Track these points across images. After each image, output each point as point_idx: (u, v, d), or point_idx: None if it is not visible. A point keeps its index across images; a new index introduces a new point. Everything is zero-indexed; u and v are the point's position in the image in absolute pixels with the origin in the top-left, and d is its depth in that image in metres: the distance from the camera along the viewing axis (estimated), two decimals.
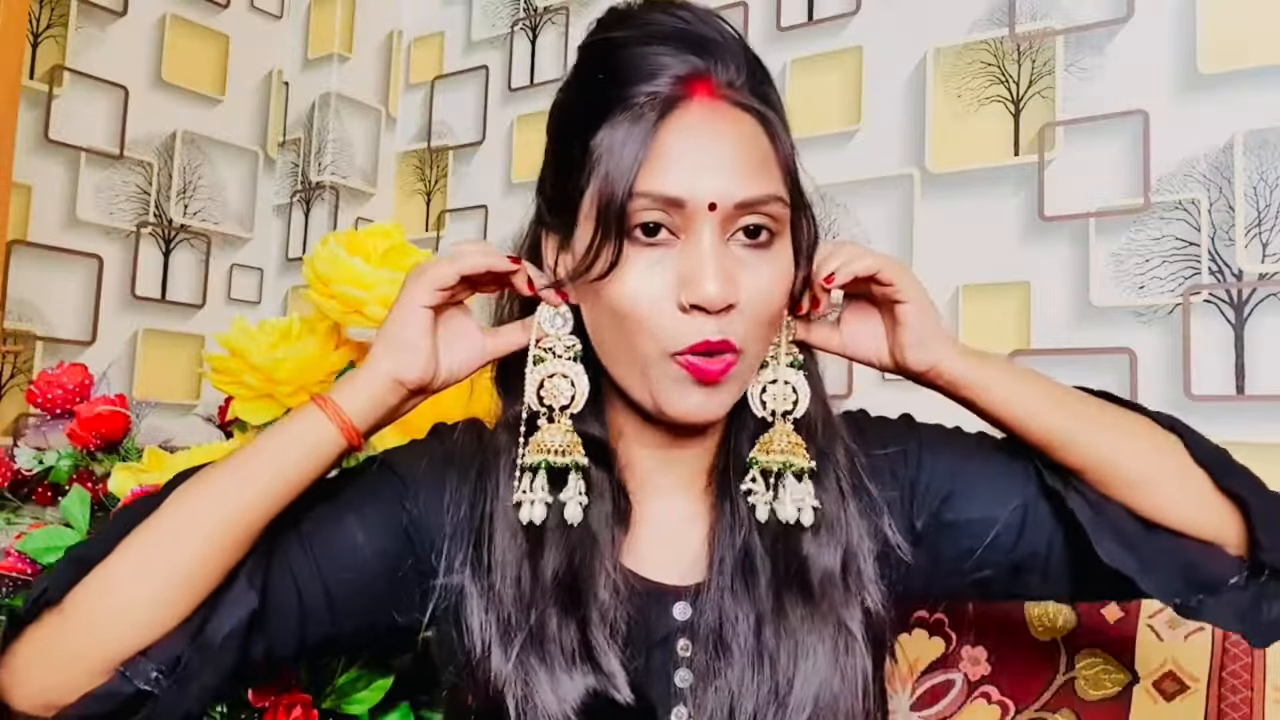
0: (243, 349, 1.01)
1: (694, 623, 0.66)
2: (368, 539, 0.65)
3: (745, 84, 0.63)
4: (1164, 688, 0.95)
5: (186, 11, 1.81)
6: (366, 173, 1.96)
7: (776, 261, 0.63)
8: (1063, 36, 1.31)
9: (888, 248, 1.41)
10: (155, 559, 0.58)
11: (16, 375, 1.55)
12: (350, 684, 0.99)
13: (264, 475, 0.61)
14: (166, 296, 1.78)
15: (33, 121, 1.58)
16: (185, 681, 0.58)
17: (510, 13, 1.89)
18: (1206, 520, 0.68)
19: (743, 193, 0.60)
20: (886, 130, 1.44)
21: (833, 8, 1.51)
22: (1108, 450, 0.68)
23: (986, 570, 0.71)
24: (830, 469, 0.69)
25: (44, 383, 1.08)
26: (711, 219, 0.60)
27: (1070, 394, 0.71)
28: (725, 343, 0.61)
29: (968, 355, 0.69)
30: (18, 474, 1.09)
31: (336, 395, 0.63)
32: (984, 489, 0.71)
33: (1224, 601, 0.67)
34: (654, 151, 0.60)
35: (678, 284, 0.60)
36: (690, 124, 0.60)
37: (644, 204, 0.60)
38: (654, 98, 0.60)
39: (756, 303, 0.62)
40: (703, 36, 0.62)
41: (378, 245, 1.06)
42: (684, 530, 0.70)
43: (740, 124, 0.62)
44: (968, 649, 1.06)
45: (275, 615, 0.62)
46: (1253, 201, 1.17)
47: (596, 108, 0.62)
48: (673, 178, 0.59)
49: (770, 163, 0.63)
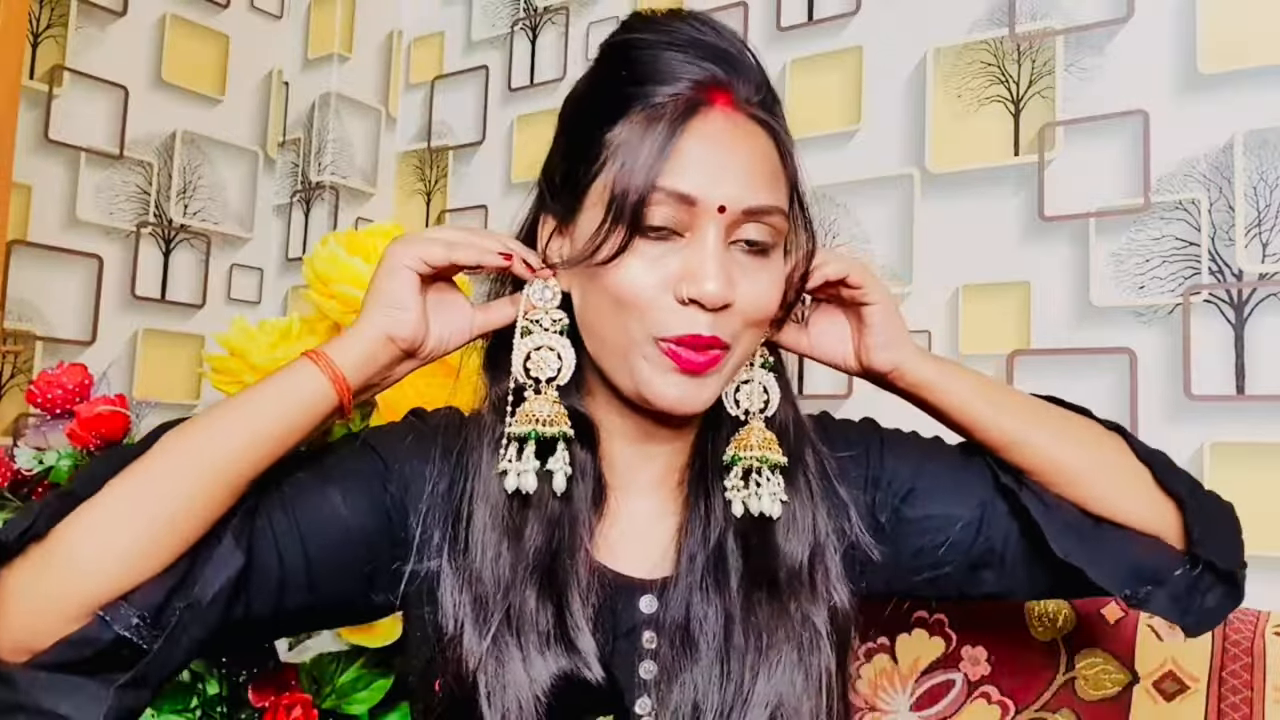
0: (243, 349, 1.01)
1: (659, 616, 0.68)
2: (350, 513, 0.65)
3: (761, 100, 0.66)
4: (1164, 688, 0.96)
5: (186, 11, 1.81)
6: (366, 173, 1.96)
7: (772, 270, 0.66)
8: (1063, 36, 1.31)
9: (888, 248, 1.41)
10: (143, 498, 0.57)
11: (16, 375, 1.55)
12: (350, 684, 0.99)
13: (254, 424, 0.60)
14: (166, 296, 1.78)
15: (33, 121, 1.58)
16: (175, 636, 0.57)
17: (510, 13, 1.89)
18: (1149, 514, 0.72)
19: (752, 200, 0.63)
20: (886, 130, 1.44)
21: (833, 8, 1.50)
22: (1054, 450, 0.72)
23: (945, 567, 0.74)
24: (800, 469, 0.71)
25: (44, 383, 1.08)
26: (718, 221, 0.62)
27: (1021, 398, 0.75)
28: (715, 339, 0.63)
29: (929, 359, 0.73)
30: (18, 474, 1.09)
31: (329, 349, 0.63)
32: (944, 486, 0.74)
33: (1166, 593, 0.71)
34: (675, 151, 0.62)
35: (678, 278, 0.62)
36: (710, 130, 0.63)
37: (659, 198, 0.62)
38: (675, 99, 0.63)
39: (751, 307, 0.64)
40: (724, 49, 0.65)
41: (378, 245, 1.06)
42: (654, 526, 0.71)
43: (755, 137, 0.65)
44: (968, 649, 1.06)
45: (256, 576, 0.61)
46: (1253, 201, 1.17)
47: (615, 103, 0.64)
48: (689, 177, 0.62)
49: (779, 176, 0.66)
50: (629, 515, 0.71)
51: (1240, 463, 1.14)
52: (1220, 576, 0.71)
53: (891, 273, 1.40)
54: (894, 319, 0.72)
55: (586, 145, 0.65)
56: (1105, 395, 1.22)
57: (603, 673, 0.64)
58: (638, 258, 0.63)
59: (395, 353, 0.65)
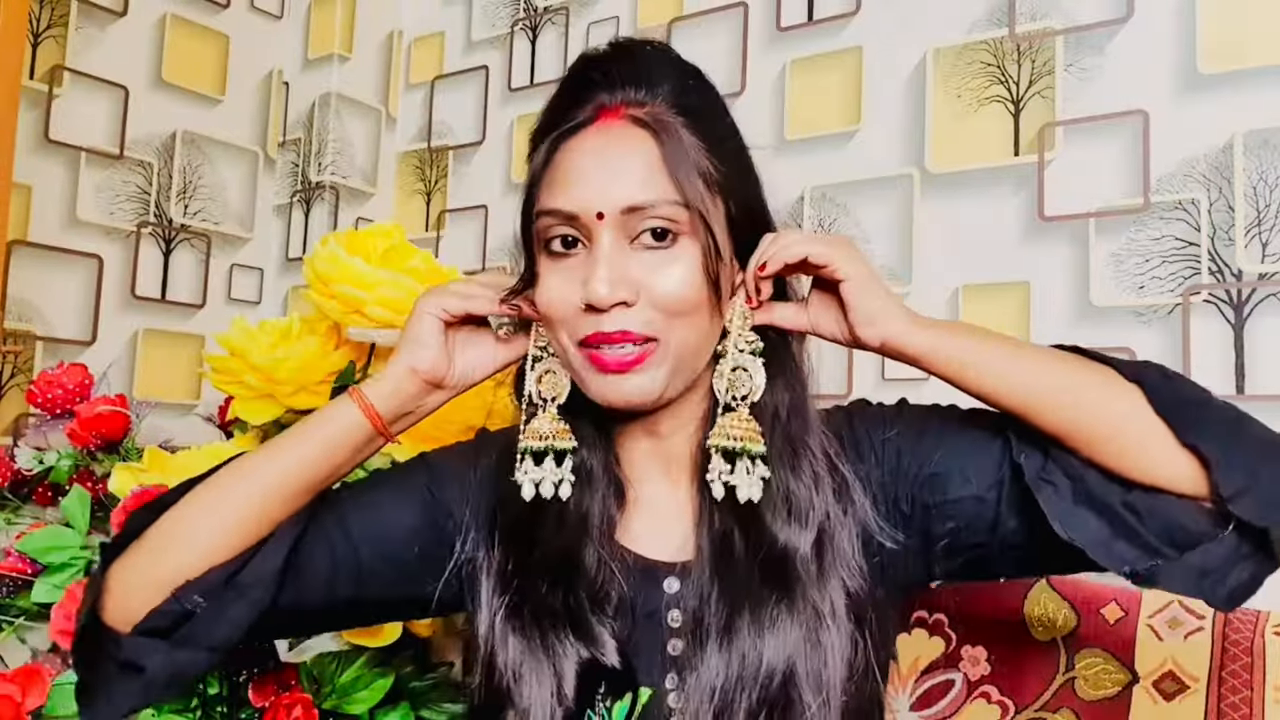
0: (243, 349, 1.01)
1: (682, 596, 0.73)
2: (397, 515, 0.76)
3: (648, 100, 0.69)
4: (1164, 688, 0.96)
5: (186, 11, 1.81)
6: (366, 173, 1.96)
7: (682, 260, 0.68)
8: (1063, 36, 1.32)
9: (888, 248, 1.41)
10: (215, 503, 0.71)
11: (16, 375, 1.55)
12: (350, 684, 0.99)
13: (300, 449, 0.73)
14: (166, 296, 1.78)
15: (33, 121, 1.58)
16: (221, 609, 0.69)
17: (510, 13, 1.89)
18: (1173, 475, 0.64)
19: (628, 199, 0.67)
20: (886, 130, 1.44)
21: (833, 8, 1.51)
22: (1065, 414, 0.66)
23: (979, 549, 0.72)
24: (801, 454, 0.72)
25: (44, 383, 1.09)
26: (605, 226, 0.67)
27: (1033, 357, 0.69)
28: (625, 333, 0.67)
29: (922, 328, 0.69)
30: (18, 474, 1.09)
31: (364, 385, 0.74)
32: (964, 468, 0.71)
33: (1186, 565, 0.63)
34: (550, 174, 0.70)
35: (580, 287, 0.68)
36: (584, 145, 0.69)
37: (548, 221, 0.69)
38: (563, 127, 0.70)
39: (663, 298, 0.68)
40: (613, 67, 0.71)
41: (378, 245, 1.06)
42: (675, 514, 0.76)
43: (630, 140, 0.68)
44: (968, 649, 1.06)
45: (307, 568, 0.72)
46: (1252, 201, 1.17)
47: (533, 142, 0.73)
48: (565, 193, 0.68)
49: (657, 170, 0.68)
50: (649, 504, 0.77)
51: None
52: (1255, 541, 0.62)
53: (891, 273, 1.40)
54: (870, 293, 0.69)
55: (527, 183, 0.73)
56: None
57: (619, 659, 0.70)
58: (555, 275, 0.69)
59: (420, 384, 0.74)
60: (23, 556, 0.97)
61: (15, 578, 0.97)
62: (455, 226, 1.91)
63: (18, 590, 0.98)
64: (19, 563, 0.97)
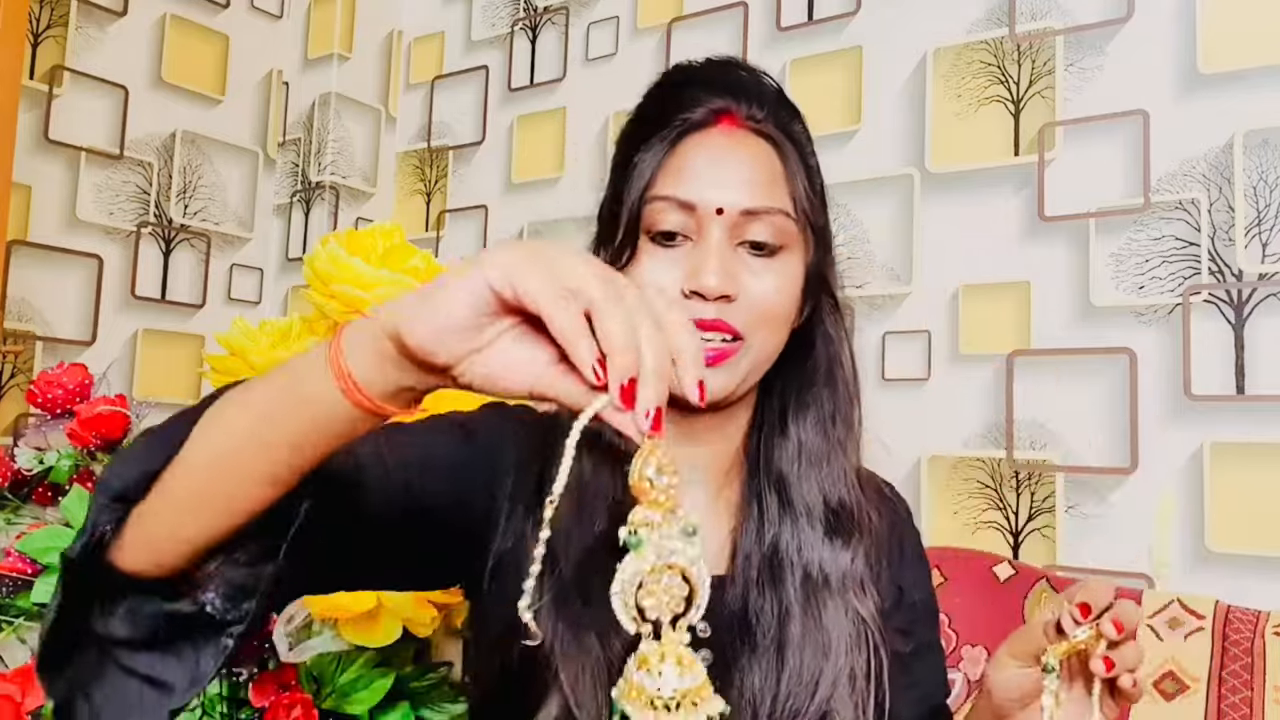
0: (243, 349, 1.01)
1: (715, 607, 0.69)
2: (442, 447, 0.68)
3: (768, 118, 0.72)
4: (1164, 688, 0.95)
5: (186, 11, 1.81)
6: (366, 173, 1.96)
7: (781, 271, 0.70)
8: (1063, 36, 1.32)
9: (888, 248, 1.41)
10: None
11: (16, 375, 1.55)
12: (350, 684, 0.99)
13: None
14: (166, 296, 1.78)
15: (33, 121, 1.58)
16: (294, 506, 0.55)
17: (510, 13, 1.89)
18: None
19: (749, 202, 0.68)
20: (886, 130, 1.44)
21: (833, 8, 1.51)
22: None
23: None
24: (869, 529, 0.74)
25: (44, 383, 1.08)
26: (719, 223, 0.67)
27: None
28: (719, 321, 0.67)
29: None
30: (18, 474, 1.09)
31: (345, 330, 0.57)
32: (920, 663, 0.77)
33: None
34: (672, 162, 0.69)
35: (685, 276, 0.67)
36: (709, 143, 0.70)
37: (660, 206, 0.68)
38: (685, 123, 0.70)
39: (760, 302, 0.68)
40: (737, 79, 0.72)
41: (378, 245, 1.06)
42: (708, 522, 0.75)
43: (754, 147, 0.70)
44: (968, 649, 1.06)
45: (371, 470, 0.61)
46: (1253, 201, 1.17)
47: (641, 134, 0.72)
48: (688, 184, 0.68)
49: (778, 181, 0.70)
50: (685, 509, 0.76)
51: (1240, 463, 1.14)
52: None
53: (891, 273, 1.40)
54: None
55: (619, 174, 0.72)
56: (1105, 395, 1.22)
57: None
58: (649, 263, 0.69)
59: (392, 352, 0.54)
60: (23, 556, 0.97)
61: (15, 578, 0.97)
62: (455, 226, 1.91)
63: (18, 590, 0.98)
64: (19, 563, 0.97)
